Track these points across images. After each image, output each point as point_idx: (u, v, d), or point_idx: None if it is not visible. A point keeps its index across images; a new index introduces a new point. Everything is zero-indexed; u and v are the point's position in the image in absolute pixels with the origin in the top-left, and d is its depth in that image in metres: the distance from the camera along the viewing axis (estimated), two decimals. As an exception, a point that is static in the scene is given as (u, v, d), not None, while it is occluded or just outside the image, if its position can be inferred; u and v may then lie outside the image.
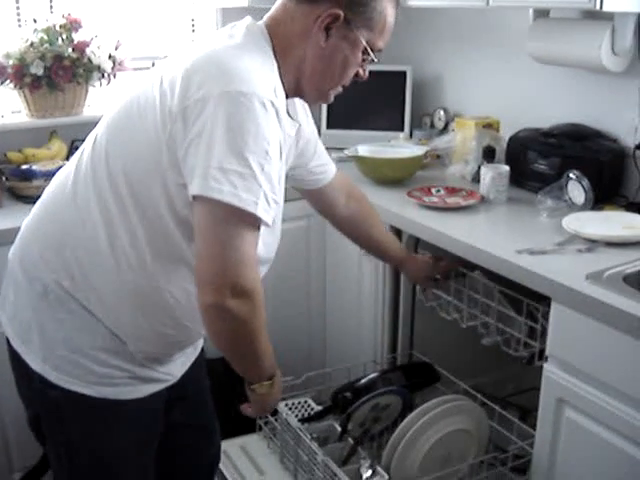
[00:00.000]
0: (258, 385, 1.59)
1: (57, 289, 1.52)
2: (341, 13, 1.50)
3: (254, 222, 1.38)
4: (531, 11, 2.57)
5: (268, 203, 1.38)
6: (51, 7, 2.93)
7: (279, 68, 1.51)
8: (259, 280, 1.43)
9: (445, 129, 3.10)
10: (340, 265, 2.71)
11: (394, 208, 2.38)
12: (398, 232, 2.40)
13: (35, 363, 1.55)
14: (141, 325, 1.53)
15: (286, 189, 1.59)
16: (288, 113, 1.58)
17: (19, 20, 2.90)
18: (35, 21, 2.74)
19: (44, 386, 1.54)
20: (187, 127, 1.37)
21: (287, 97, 1.54)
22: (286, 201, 1.57)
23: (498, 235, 2.18)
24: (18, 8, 2.90)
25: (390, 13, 1.58)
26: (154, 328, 1.55)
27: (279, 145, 1.43)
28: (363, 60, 1.59)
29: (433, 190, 2.49)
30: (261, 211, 1.36)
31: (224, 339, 1.46)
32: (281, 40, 1.53)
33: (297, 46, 1.53)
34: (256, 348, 1.50)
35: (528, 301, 2.01)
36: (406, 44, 3.35)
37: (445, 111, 3.12)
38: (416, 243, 2.40)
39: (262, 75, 1.42)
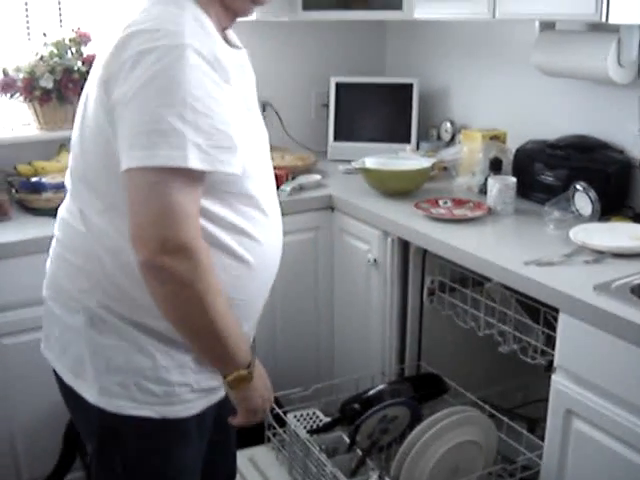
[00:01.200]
0: (233, 377, 1.45)
1: (101, 313, 1.46)
2: None
3: (188, 176, 1.30)
4: (537, 23, 2.58)
5: (206, 152, 1.30)
6: (60, 21, 2.96)
7: (202, 7, 1.41)
8: (198, 238, 1.32)
9: (452, 141, 3.11)
10: (348, 276, 2.72)
11: (402, 220, 2.40)
12: (406, 244, 2.41)
13: (90, 395, 1.49)
14: None
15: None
16: (229, 44, 1.51)
17: (29, 34, 2.92)
18: (45, 35, 2.77)
19: (102, 416, 1.49)
20: (109, 97, 1.34)
21: (227, 28, 1.51)
22: (292, 213, 1.54)
23: (506, 247, 2.18)
24: (28, 22, 2.92)
25: None
26: None
27: (214, 85, 1.33)
28: None
29: (440, 202, 2.50)
30: (194, 162, 1.28)
31: (169, 307, 1.36)
32: None
33: None
34: (212, 323, 1.37)
35: (545, 309, 2.01)
36: (413, 56, 3.37)
37: (452, 123, 3.14)
38: (424, 255, 2.41)
39: (173, 22, 1.33)
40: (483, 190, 2.59)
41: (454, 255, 2.18)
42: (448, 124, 3.15)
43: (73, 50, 2.77)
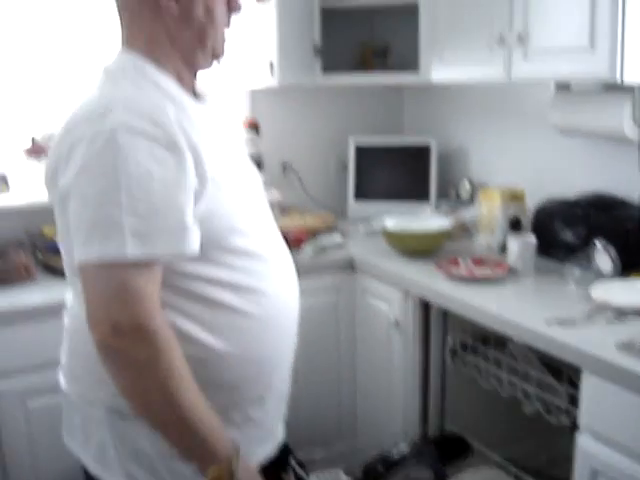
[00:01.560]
0: (210, 474, 1.32)
1: (120, 401, 1.36)
2: None
3: (130, 261, 1.26)
4: (552, 83, 2.62)
5: (146, 237, 1.26)
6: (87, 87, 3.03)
7: (159, 66, 1.42)
8: (154, 318, 1.27)
9: (471, 199, 3.13)
10: (369, 336, 2.72)
11: (423, 280, 2.41)
12: (427, 304, 2.42)
13: None
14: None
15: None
16: (197, 96, 1.51)
17: (56, 102, 2.99)
18: (72, 102, 2.83)
19: None
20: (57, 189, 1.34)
21: (190, 82, 1.49)
22: (314, 274, 1.53)
23: (527, 306, 2.18)
24: (58, 92, 3.00)
25: None
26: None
27: (155, 163, 1.27)
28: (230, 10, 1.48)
29: (461, 261, 2.51)
30: (132, 249, 1.25)
31: (129, 394, 1.30)
32: (144, 43, 1.43)
33: (158, 32, 1.42)
34: (178, 411, 1.29)
35: (568, 368, 2.00)
36: (430, 116, 3.43)
37: (470, 181, 3.17)
38: (445, 314, 2.42)
39: (106, 104, 1.32)
40: (503, 249, 2.59)
41: (475, 315, 2.18)
42: (467, 183, 3.18)
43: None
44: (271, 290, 1.50)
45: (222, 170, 1.43)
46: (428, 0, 2.77)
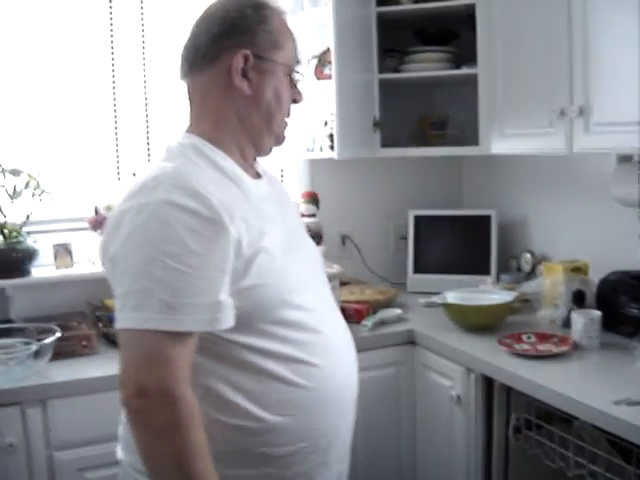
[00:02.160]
0: None
1: None
2: (247, 52, 1.48)
3: (158, 334, 1.29)
4: (614, 155, 2.59)
5: (177, 309, 1.29)
6: (149, 159, 3.10)
7: (222, 146, 1.49)
8: (180, 384, 1.29)
9: (532, 272, 3.09)
10: (430, 412, 2.67)
11: (485, 356, 2.36)
12: (490, 381, 2.37)
13: None
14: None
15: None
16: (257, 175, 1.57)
17: (119, 173, 3.07)
18: (134, 174, 2.89)
19: None
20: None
21: (253, 160, 1.57)
22: (374, 349, 1.48)
23: (593, 384, 2.11)
24: (118, 162, 3.08)
25: (283, 22, 1.56)
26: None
27: (198, 238, 1.31)
28: (291, 82, 1.56)
29: (524, 337, 2.46)
30: (162, 321, 1.28)
31: (144, 453, 1.31)
32: (211, 123, 1.51)
33: (227, 111, 1.50)
34: (187, 478, 1.28)
35: (638, 450, 1.92)
36: (489, 188, 3.41)
37: (532, 254, 3.12)
38: (508, 391, 2.35)
39: (157, 178, 1.37)
40: (567, 323, 2.54)
41: (539, 393, 2.12)
42: (528, 255, 3.13)
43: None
44: (325, 363, 1.50)
45: (276, 244, 1.46)
46: (486, 72, 2.79)
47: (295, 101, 1.58)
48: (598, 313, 2.41)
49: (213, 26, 1.50)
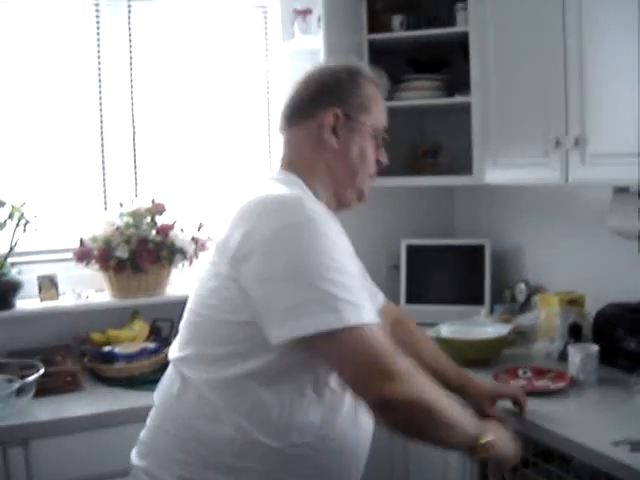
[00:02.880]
0: (481, 444, 1.56)
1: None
2: (339, 111, 1.65)
3: (362, 328, 1.43)
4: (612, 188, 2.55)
5: (358, 305, 1.44)
6: (136, 190, 3.05)
7: (315, 194, 1.63)
8: (399, 359, 1.45)
9: (527, 302, 3.04)
10: (423, 451, 2.59)
11: (480, 392, 2.29)
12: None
13: None
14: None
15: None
16: None
17: (105, 203, 3.01)
18: (121, 205, 2.84)
19: None
20: (254, 269, 1.45)
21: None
22: None
23: (591, 422, 2.05)
24: (105, 192, 3.02)
25: (375, 90, 1.73)
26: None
27: (344, 248, 1.54)
28: (377, 144, 1.73)
29: (520, 372, 2.41)
30: (359, 318, 1.42)
31: (409, 428, 1.50)
32: (304, 168, 1.66)
33: (317, 161, 1.67)
34: (443, 417, 1.48)
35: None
36: (483, 217, 3.36)
37: (526, 284, 3.07)
38: (504, 428, 2.29)
39: (302, 196, 1.52)
40: (563, 356, 2.50)
41: (536, 433, 2.06)
42: (522, 285, 3.08)
43: (148, 220, 2.83)
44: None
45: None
46: (480, 101, 2.76)
47: (379, 162, 1.75)
48: (595, 347, 2.36)
49: (311, 86, 1.70)
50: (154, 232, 2.79)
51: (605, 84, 2.21)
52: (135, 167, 3.06)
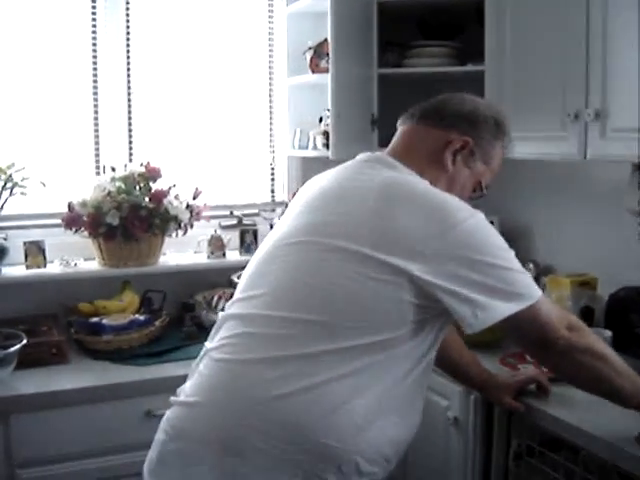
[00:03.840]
0: None
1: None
2: (471, 141, 1.70)
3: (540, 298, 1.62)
4: (629, 163, 2.42)
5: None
6: (130, 154, 2.91)
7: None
8: (572, 318, 1.72)
9: (536, 284, 2.90)
10: (425, 433, 2.42)
11: (486, 377, 2.18)
12: (490, 403, 2.19)
13: None
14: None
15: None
16: None
17: (97, 167, 2.88)
18: (113, 170, 2.71)
19: None
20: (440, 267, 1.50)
21: None
22: None
23: (604, 412, 1.92)
24: (97, 155, 2.89)
25: (501, 154, 1.81)
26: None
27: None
28: (473, 192, 1.78)
29: (528, 357, 2.29)
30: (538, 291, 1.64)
31: (582, 373, 1.70)
32: (415, 163, 1.66)
33: (427, 170, 1.66)
34: (616, 365, 1.67)
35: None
36: (492, 193, 3.18)
37: (535, 264, 2.93)
38: (509, 415, 2.18)
39: (451, 199, 1.59)
40: None
41: (544, 421, 1.96)
42: (531, 265, 2.94)
43: (141, 185, 2.70)
44: None
45: None
46: (494, 70, 2.60)
47: (471, 197, 1.79)
48: (609, 333, 2.24)
49: (466, 106, 1.75)
50: (147, 199, 2.66)
51: (629, 55, 2.06)
52: (130, 130, 2.93)
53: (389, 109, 2.91)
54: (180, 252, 2.90)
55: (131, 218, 2.59)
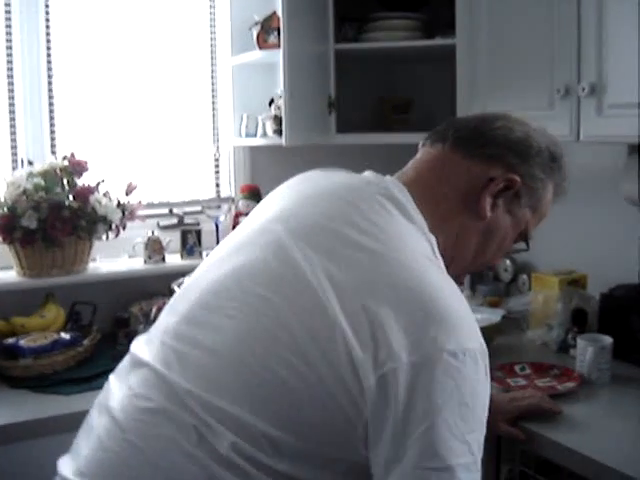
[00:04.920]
0: None
1: None
2: (519, 180, 1.28)
3: None
4: (625, 145, 2.15)
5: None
6: (53, 146, 2.54)
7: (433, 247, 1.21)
8: None
9: (513, 282, 2.63)
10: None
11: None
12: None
13: None
14: None
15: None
16: None
17: (14, 162, 2.50)
18: (31, 163, 2.34)
19: None
20: (385, 400, 1.03)
21: None
22: None
23: (608, 433, 1.66)
24: (14, 147, 2.50)
25: (549, 202, 1.39)
26: None
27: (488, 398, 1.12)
28: (519, 236, 1.38)
29: (517, 368, 2.01)
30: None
31: None
32: (438, 205, 1.26)
33: (458, 213, 1.27)
34: None
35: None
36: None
37: (512, 260, 2.65)
38: (498, 438, 1.89)
39: (464, 306, 1.13)
40: (563, 347, 2.15)
41: (541, 446, 1.67)
42: (507, 262, 2.66)
43: (65, 181, 2.33)
44: None
45: None
46: (467, 43, 2.31)
47: (510, 253, 1.43)
48: (609, 340, 1.96)
49: (512, 133, 1.32)
50: (71, 197, 2.29)
51: (629, 18, 1.81)
52: (52, 118, 2.54)
53: (347, 91, 2.62)
54: (112, 258, 2.54)
55: (52, 220, 2.21)
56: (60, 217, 2.23)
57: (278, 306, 1.10)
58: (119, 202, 2.38)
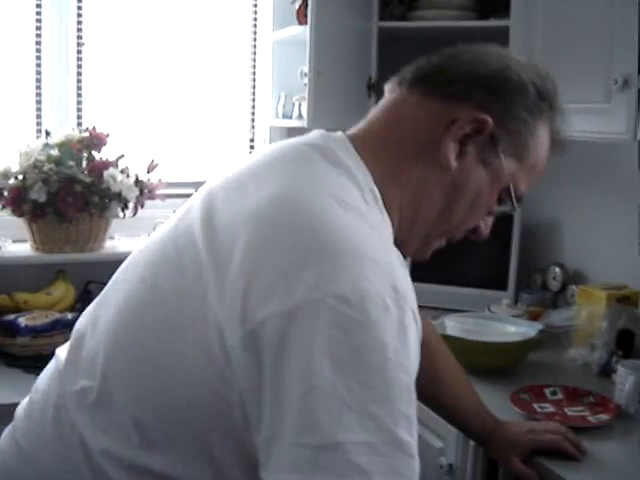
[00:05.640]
0: None
1: None
2: (490, 121, 1.05)
3: None
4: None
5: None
6: (79, 117, 2.44)
7: (384, 205, 1.03)
8: None
9: (562, 291, 2.43)
10: None
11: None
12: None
13: None
14: None
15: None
16: None
17: (39, 131, 2.42)
18: (48, 134, 2.24)
19: None
20: (258, 366, 0.86)
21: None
22: None
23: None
24: (39, 117, 2.42)
25: (546, 143, 1.14)
26: None
27: (411, 358, 0.90)
28: (500, 196, 1.12)
29: (547, 392, 1.80)
30: None
31: None
32: (389, 155, 1.07)
33: (416, 163, 1.07)
34: None
35: None
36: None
37: (562, 268, 2.45)
38: None
39: (375, 247, 0.93)
40: (605, 371, 1.95)
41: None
42: (557, 270, 2.46)
43: (82, 155, 2.23)
44: None
45: None
46: (521, 26, 2.13)
47: (473, 231, 1.19)
48: (655, 368, 1.75)
49: (484, 68, 1.10)
50: (86, 172, 2.19)
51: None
52: (79, 88, 2.50)
53: (390, 71, 2.42)
54: (132, 237, 2.43)
55: (63, 194, 2.12)
56: (72, 192, 2.14)
57: (157, 268, 0.99)
58: (137, 179, 2.26)
